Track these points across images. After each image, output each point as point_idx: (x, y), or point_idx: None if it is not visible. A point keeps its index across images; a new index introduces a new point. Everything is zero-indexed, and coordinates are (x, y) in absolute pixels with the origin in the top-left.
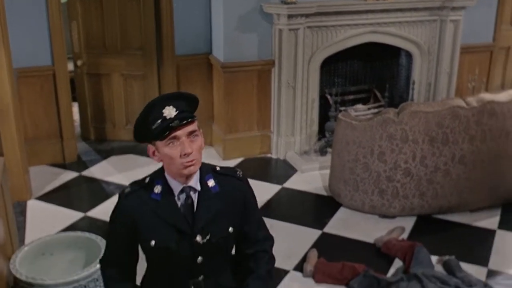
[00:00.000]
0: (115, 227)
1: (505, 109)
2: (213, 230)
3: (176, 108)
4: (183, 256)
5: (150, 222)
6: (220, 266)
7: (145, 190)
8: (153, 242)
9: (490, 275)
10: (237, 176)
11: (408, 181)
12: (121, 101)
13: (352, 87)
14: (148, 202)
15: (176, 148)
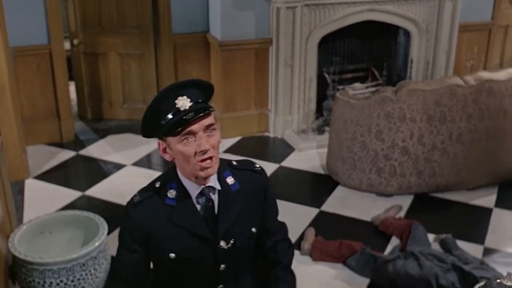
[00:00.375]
0: (126, 241)
1: (503, 87)
2: (236, 233)
3: (190, 98)
4: (205, 266)
5: (167, 232)
6: (241, 270)
7: (158, 196)
8: (173, 255)
9: (486, 253)
10: (255, 170)
11: (406, 160)
12: (118, 80)
13: (350, 66)
14: (162, 209)
15: (191, 145)
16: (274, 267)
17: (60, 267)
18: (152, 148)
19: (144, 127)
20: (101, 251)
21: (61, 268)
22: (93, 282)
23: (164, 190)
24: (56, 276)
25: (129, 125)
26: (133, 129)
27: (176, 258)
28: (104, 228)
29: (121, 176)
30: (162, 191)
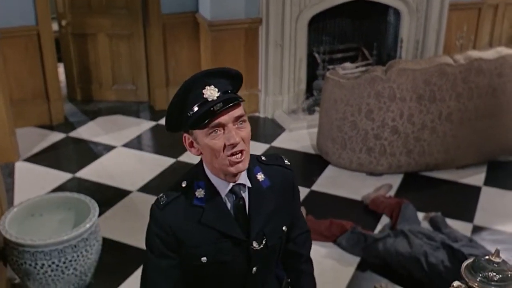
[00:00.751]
0: (156, 247)
1: (492, 66)
2: (268, 233)
3: (217, 88)
4: (237, 269)
5: (198, 235)
6: (269, 273)
7: (185, 197)
8: (205, 259)
9: (475, 230)
10: (285, 165)
11: (396, 139)
12: (107, 61)
13: (340, 45)
14: (191, 211)
15: (219, 138)
16: (296, 260)
17: (51, 249)
18: (142, 129)
19: (169, 120)
20: (92, 232)
21: (53, 250)
22: (84, 263)
23: (191, 190)
24: (47, 257)
25: (119, 106)
26: (123, 110)
27: (207, 262)
28: (95, 209)
29: (111, 157)
30: (190, 190)
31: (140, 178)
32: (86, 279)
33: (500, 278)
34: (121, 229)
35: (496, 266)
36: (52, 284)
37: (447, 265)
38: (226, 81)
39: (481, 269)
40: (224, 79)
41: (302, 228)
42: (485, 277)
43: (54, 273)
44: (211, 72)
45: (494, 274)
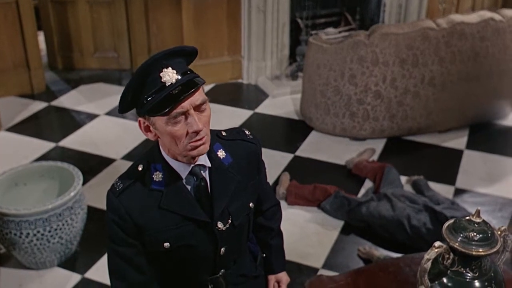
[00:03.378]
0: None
1: (474, 30)
2: (234, 211)
3: (175, 69)
4: (204, 252)
5: (158, 220)
6: (241, 252)
7: (142, 181)
8: (167, 244)
9: (457, 193)
10: (248, 139)
11: (379, 104)
12: (88, 29)
13: (323, 11)
14: (149, 195)
15: (181, 125)
16: (267, 234)
17: (36, 218)
18: None
19: (123, 104)
20: (77, 201)
21: (38, 219)
22: (70, 232)
23: (149, 173)
24: (32, 227)
25: (101, 74)
26: (105, 78)
27: (171, 247)
28: (79, 178)
29: (94, 126)
30: (147, 174)
31: (123, 146)
32: (71, 247)
33: (481, 237)
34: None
35: (477, 226)
36: (38, 253)
37: (429, 227)
38: (183, 59)
39: (462, 229)
40: (182, 58)
41: (271, 202)
42: (466, 237)
43: (40, 242)
44: (168, 52)
45: (474, 234)
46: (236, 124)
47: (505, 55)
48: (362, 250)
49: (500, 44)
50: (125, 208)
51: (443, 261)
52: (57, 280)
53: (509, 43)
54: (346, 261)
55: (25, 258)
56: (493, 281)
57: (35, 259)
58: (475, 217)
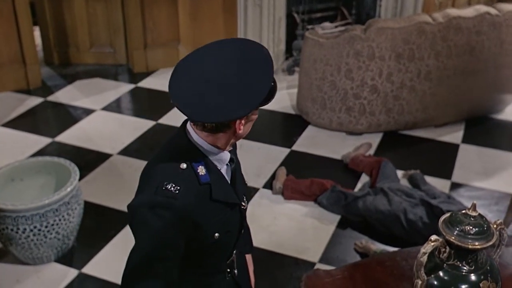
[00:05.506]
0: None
1: (470, 24)
2: (242, 190)
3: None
4: (235, 235)
5: (210, 212)
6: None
7: (190, 179)
8: (217, 234)
9: (453, 187)
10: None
11: (375, 98)
12: (84, 24)
13: (319, 5)
14: (200, 190)
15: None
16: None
17: (33, 213)
18: (122, 92)
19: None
20: (73, 196)
21: (34, 214)
22: (66, 227)
23: (192, 169)
24: (29, 222)
25: (97, 69)
26: (101, 73)
27: (220, 237)
28: (75, 173)
29: (91, 121)
30: (191, 170)
31: (120, 141)
32: (68, 243)
33: (477, 231)
34: (102, 192)
35: (473, 219)
36: (35, 248)
37: (425, 221)
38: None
39: (458, 223)
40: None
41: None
42: (462, 230)
43: (37, 237)
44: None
45: (470, 228)
46: None
47: (501, 49)
48: (358, 244)
49: (496, 38)
50: (186, 208)
51: (439, 254)
52: (54, 276)
53: (505, 37)
54: (343, 255)
55: (22, 253)
56: (489, 275)
57: (32, 254)
58: (471, 211)
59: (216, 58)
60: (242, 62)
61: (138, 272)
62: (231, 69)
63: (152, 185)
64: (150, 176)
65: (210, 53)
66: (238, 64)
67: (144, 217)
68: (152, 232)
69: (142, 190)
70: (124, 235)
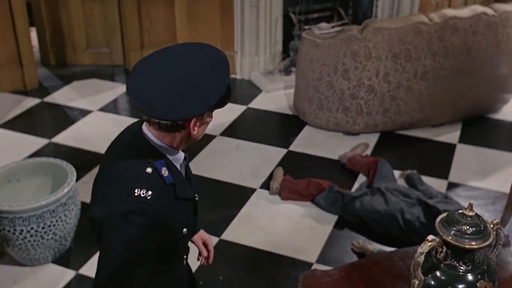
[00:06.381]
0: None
1: (467, 24)
2: (196, 183)
3: None
4: (195, 227)
5: (177, 210)
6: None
7: (157, 182)
8: (185, 230)
9: (450, 187)
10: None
11: (372, 98)
12: (80, 25)
13: (315, 5)
14: (166, 191)
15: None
16: None
17: (30, 215)
18: (118, 93)
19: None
20: (70, 197)
21: (31, 216)
22: (63, 228)
23: (157, 172)
24: (26, 223)
25: (94, 70)
26: (98, 74)
27: (187, 231)
28: (72, 174)
29: (87, 122)
30: (156, 173)
31: None
32: (65, 244)
33: (473, 231)
34: None
35: (470, 219)
36: (32, 249)
37: (422, 221)
38: None
39: (455, 223)
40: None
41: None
42: (459, 230)
43: (34, 238)
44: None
45: (467, 228)
46: (230, 120)
47: (497, 49)
48: (356, 245)
49: (492, 38)
50: (160, 212)
51: (436, 254)
52: (51, 277)
53: (502, 37)
54: (340, 255)
55: (19, 254)
56: (486, 274)
57: (29, 255)
58: (468, 211)
59: (174, 60)
60: (199, 65)
61: (115, 280)
62: (189, 70)
63: (121, 192)
64: (114, 182)
65: (169, 55)
66: (196, 66)
67: (117, 225)
68: (126, 240)
69: (106, 198)
70: None
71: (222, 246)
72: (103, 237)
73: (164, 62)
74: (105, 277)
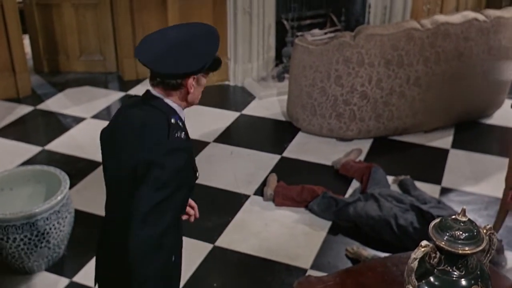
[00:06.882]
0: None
1: (458, 30)
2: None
3: None
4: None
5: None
6: None
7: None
8: (198, 173)
9: (443, 192)
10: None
11: (365, 104)
12: (73, 32)
13: (308, 12)
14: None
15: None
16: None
17: (23, 223)
18: (112, 100)
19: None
20: (64, 205)
21: (24, 224)
22: (57, 236)
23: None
24: (19, 231)
25: (87, 77)
26: (91, 81)
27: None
28: (65, 181)
29: (81, 129)
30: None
31: None
32: (59, 252)
33: (467, 236)
34: (93, 201)
35: (463, 225)
36: (25, 257)
37: (416, 226)
38: None
39: (448, 228)
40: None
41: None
42: (452, 235)
43: (27, 246)
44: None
45: (460, 233)
46: (223, 126)
47: (488, 55)
48: (350, 250)
49: (484, 44)
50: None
51: (429, 260)
52: (45, 285)
53: (493, 43)
54: (335, 261)
55: (12, 263)
56: (480, 279)
57: (22, 263)
58: (461, 216)
59: (174, 31)
60: (196, 33)
61: (161, 207)
62: (186, 37)
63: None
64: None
65: (169, 29)
66: (193, 34)
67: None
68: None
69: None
70: None
71: (216, 252)
72: (152, 173)
73: (165, 33)
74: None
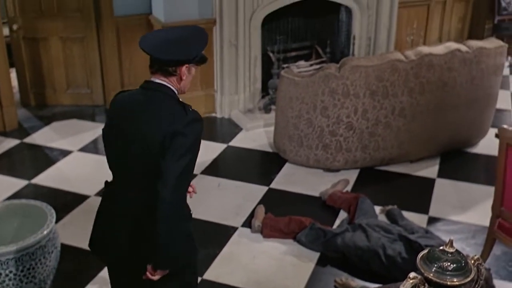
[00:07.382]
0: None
1: (442, 61)
2: None
3: None
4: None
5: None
6: None
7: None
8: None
9: (430, 222)
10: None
11: (351, 135)
12: (60, 65)
13: (294, 44)
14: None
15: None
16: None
17: (8, 258)
18: (99, 133)
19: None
20: (50, 239)
21: (10, 259)
22: (43, 271)
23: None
24: (4, 267)
25: (74, 110)
26: (78, 114)
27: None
28: (52, 216)
29: (68, 162)
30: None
31: (97, 182)
32: (45, 287)
33: (455, 267)
34: (80, 235)
35: (450, 256)
36: None
37: (404, 256)
38: None
39: (436, 260)
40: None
41: None
42: (440, 267)
43: (12, 282)
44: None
45: (448, 264)
46: (211, 158)
47: (471, 85)
48: (338, 281)
49: (467, 74)
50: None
51: None
52: None
53: (476, 73)
54: None
55: None
56: None
57: None
58: (449, 247)
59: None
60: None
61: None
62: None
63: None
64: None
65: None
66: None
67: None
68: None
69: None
70: (102, 278)
71: (204, 286)
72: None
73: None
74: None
